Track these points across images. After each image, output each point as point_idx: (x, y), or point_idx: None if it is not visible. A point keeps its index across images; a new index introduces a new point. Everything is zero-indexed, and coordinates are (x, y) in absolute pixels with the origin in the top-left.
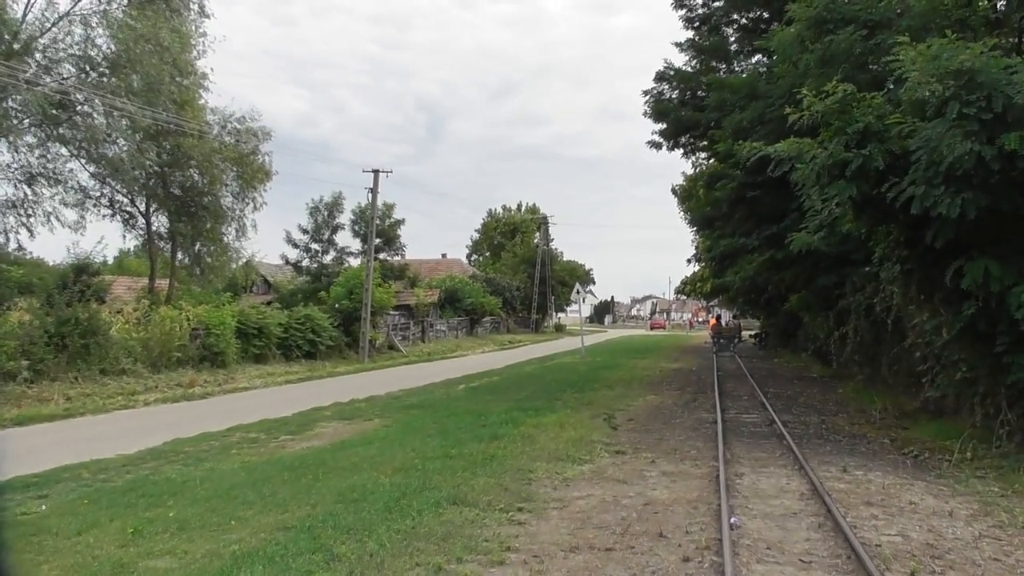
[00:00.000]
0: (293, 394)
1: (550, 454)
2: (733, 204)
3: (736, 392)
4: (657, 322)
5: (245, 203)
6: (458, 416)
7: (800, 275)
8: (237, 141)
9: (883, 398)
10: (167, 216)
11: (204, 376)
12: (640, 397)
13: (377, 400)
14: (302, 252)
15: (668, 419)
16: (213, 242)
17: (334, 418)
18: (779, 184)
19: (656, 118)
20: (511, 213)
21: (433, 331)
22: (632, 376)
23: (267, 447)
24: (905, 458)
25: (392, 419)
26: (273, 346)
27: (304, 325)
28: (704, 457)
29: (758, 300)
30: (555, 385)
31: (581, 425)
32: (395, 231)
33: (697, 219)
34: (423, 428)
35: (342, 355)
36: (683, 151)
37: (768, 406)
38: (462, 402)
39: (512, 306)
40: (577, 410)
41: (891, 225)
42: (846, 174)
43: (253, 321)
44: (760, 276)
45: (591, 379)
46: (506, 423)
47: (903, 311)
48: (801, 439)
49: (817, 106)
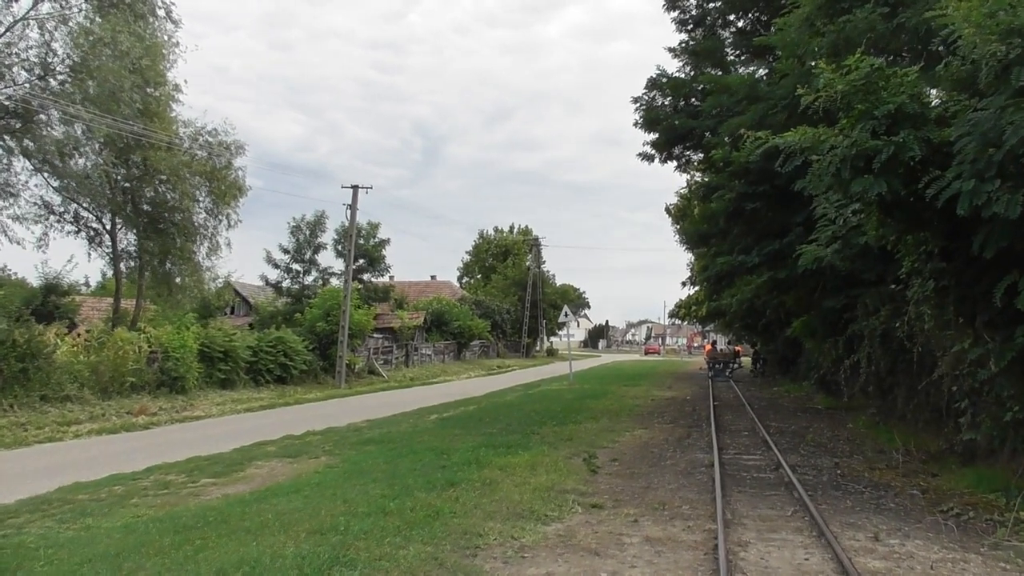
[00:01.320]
0: (249, 424)
1: (510, 509)
2: (730, 218)
3: (734, 426)
4: (651, 347)
5: (219, 220)
6: (417, 454)
7: (804, 297)
8: (209, 155)
9: (902, 436)
10: (136, 233)
11: (160, 403)
12: (627, 431)
13: (334, 433)
14: (283, 273)
15: (657, 460)
16: (183, 261)
17: (276, 455)
18: (781, 195)
19: (647, 127)
20: (503, 235)
21: (418, 355)
22: (621, 406)
23: (178, 495)
24: (946, 518)
25: (341, 457)
26: (241, 371)
27: (276, 348)
28: (698, 515)
29: (756, 325)
30: (535, 416)
31: (556, 467)
32: (379, 251)
33: (691, 236)
34: (371, 470)
35: (317, 380)
36: (677, 164)
37: (772, 444)
38: (427, 436)
39: (502, 330)
40: (554, 447)
41: (924, 232)
42: (873, 167)
43: (219, 344)
44: (759, 299)
45: (576, 409)
46: (469, 464)
47: (933, 337)
48: (815, 489)
49: (837, 84)
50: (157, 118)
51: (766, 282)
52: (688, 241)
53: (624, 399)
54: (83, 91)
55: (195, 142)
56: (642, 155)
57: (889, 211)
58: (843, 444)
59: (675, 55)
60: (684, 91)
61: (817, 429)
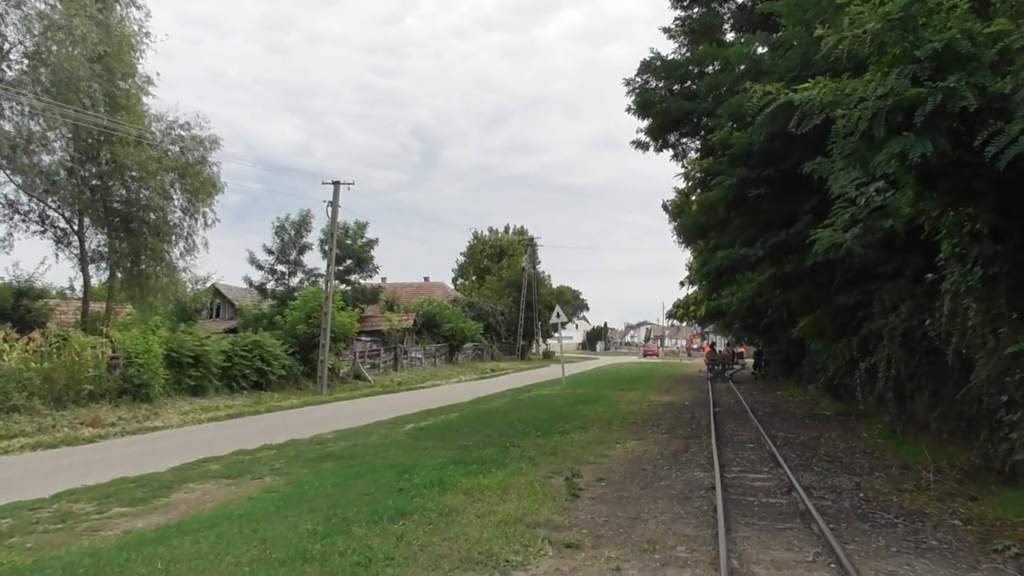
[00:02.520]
0: (208, 435)
1: (463, 552)
2: (731, 206)
3: (738, 436)
4: (650, 349)
5: (195, 219)
6: (376, 473)
7: (812, 294)
8: (182, 150)
9: (928, 448)
10: (107, 233)
11: (121, 412)
12: (619, 443)
13: (294, 446)
14: (267, 274)
15: (650, 480)
16: (156, 261)
17: (216, 475)
18: (788, 179)
19: (640, 112)
20: (498, 235)
21: (407, 359)
22: (614, 413)
23: (72, 531)
24: (1003, 559)
25: (288, 478)
26: (213, 377)
27: (251, 353)
28: (697, 560)
29: (757, 325)
30: (520, 425)
31: (531, 491)
32: (367, 251)
33: (688, 230)
34: (315, 495)
35: (298, 386)
36: (673, 152)
37: (780, 459)
38: (395, 450)
39: (496, 332)
40: (535, 463)
41: (972, 207)
42: (914, 122)
43: (188, 349)
44: (761, 297)
45: (565, 417)
46: (431, 486)
47: (976, 335)
48: (837, 520)
49: (868, 20)
50: (126, 111)
51: (769, 279)
52: (685, 235)
53: (618, 405)
54: (35, 79)
55: (167, 136)
56: (635, 143)
57: (931, 180)
58: (861, 458)
59: (670, 35)
60: (680, 72)
61: (829, 440)
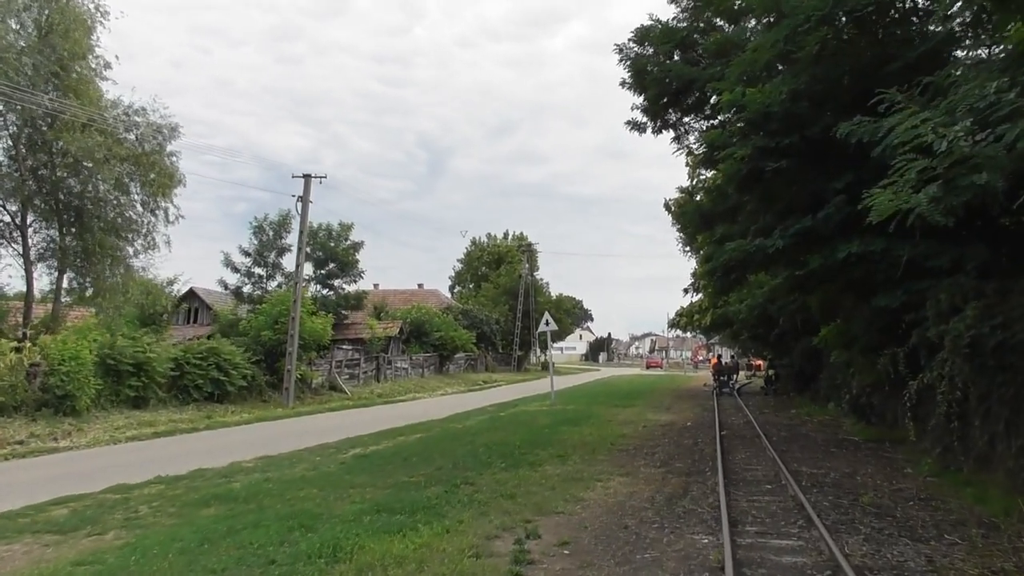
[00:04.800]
0: (126, 457)
1: None
2: (744, 185)
3: (751, 471)
4: (653, 361)
5: (155, 215)
6: (258, 529)
7: (839, 296)
8: (137, 137)
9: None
10: (54, 228)
11: (36, 428)
12: (600, 480)
13: (194, 478)
14: (243, 277)
15: (632, 549)
16: (111, 260)
17: (47, 527)
18: (816, 149)
19: (636, 84)
20: (496, 242)
21: (391, 369)
22: (602, 436)
23: None
24: None
25: (141, 533)
26: (157, 387)
27: (206, 361)
28: None
29: (767, 335)
30: (484, 453)
31: (457, 566)
32: (352, 255)
33: (692, 221)
34: (147, 569)
35: (262, 397)
36: (673, 134)
37: (812, 511)
38: (311, 489)
39: (491, 341)
40: (483, 512)
41: None
42: None
43: (128, 356)
44: (773, 304)
45: (543, 441)
46: (320, 554)
47: None
48: None
49: None
50: (76, 94)
51: (786, 281)
52: (688, 228)
53: (610, 425)
54: None
55: (120, 123)
56: (630, 123)
57: None
58: (918, 509)
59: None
60: (681, 36)
61: (868, 477)
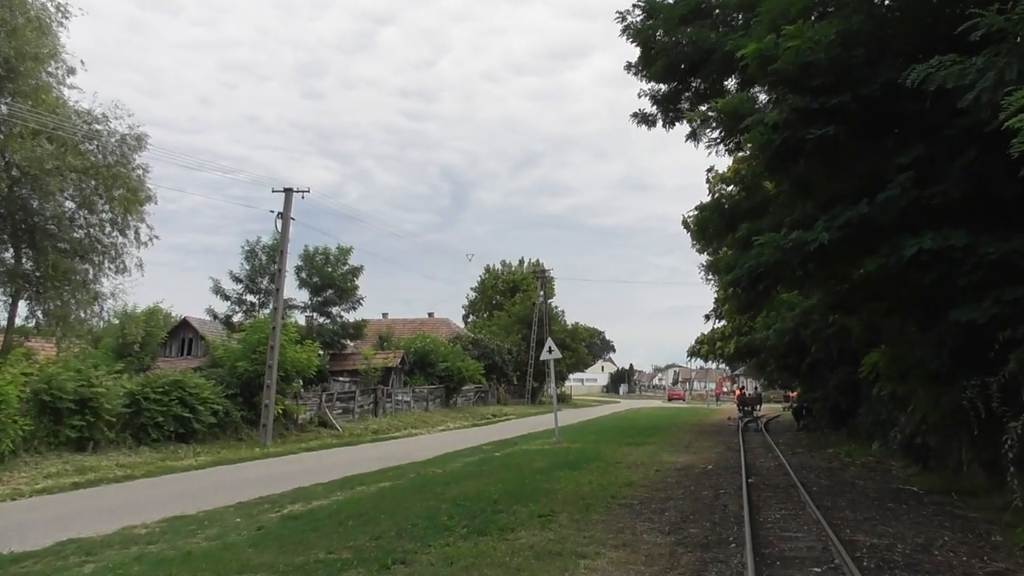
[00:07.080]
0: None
1: None
2: (776, 163)
3: (789, 541)
4: (675, 393)
5: (125, 235)
6: None
7: (892, 315)
8: (98, 147)
9: None
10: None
11: None
12: (586, 557)
13: (42, 557)
14: (234, 305)
15: None
16: (73, 286)
17: None
18: (873, 115)
19: (643, 61)
20: (511, 269)
21: (392, 402)
22: (604, 485)
23: None
24: None
25: None
26: (106, 426)
27: (167, 396)
28: None
29: (798, 365)
30: (448, 511)
31: None
32: (350, 281)
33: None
34: None
35: (238, 435)
36: (689, 127)
37: None
38: (206, 574)
39: (503, 372)
40: None
41: None
42: None
43: (68, 391)
44: (806, 328)
45: (528, 492)
46: None
47: None
48: None
49: None
50: (31, 100)
51: (825, 299)
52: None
53: (616, 469)
54: None
55: (79, 131)
56: (637, 116)
57: None
58: None
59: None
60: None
61: (947, 552)
